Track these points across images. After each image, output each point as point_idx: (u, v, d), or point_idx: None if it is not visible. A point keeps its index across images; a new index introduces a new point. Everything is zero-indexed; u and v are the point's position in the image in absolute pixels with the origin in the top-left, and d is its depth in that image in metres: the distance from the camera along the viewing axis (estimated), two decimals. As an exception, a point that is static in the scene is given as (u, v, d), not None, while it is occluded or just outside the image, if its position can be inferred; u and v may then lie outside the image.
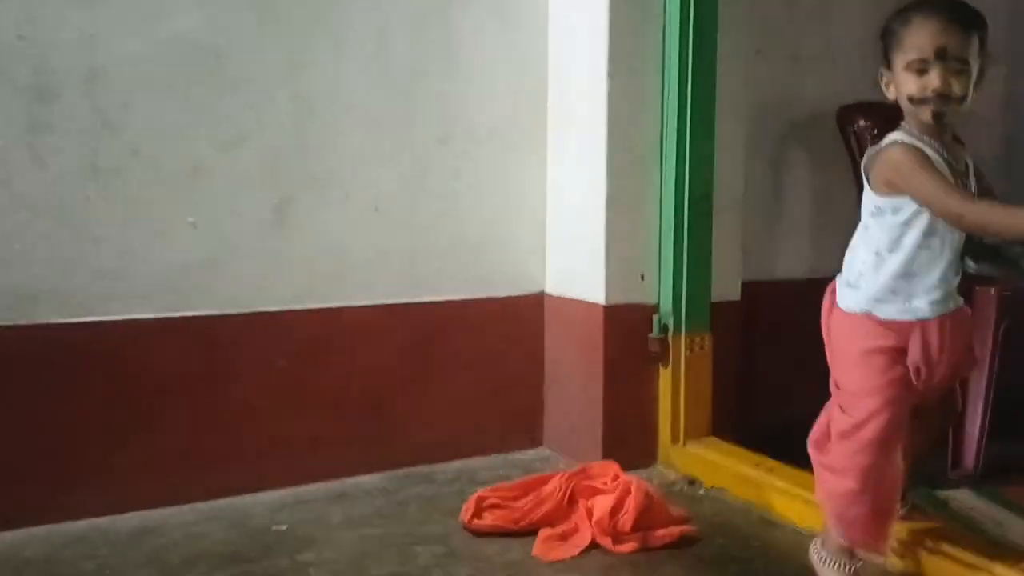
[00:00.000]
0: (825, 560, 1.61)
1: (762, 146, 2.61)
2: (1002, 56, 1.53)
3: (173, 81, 2.01)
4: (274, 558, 1.80)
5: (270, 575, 1.73)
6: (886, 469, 1.54)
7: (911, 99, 1.49)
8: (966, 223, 1.43)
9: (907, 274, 1.52)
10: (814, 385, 1.73)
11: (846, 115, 2.56)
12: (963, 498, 2.13)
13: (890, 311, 1.53)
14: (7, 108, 1.87)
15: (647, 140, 2.29)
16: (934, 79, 1.45)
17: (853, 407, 1.55)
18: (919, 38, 1.46)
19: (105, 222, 1.97)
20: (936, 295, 1.53)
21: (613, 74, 2.24)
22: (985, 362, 2.20)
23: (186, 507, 2.04)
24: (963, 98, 1.47)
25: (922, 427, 1.66)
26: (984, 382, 2.21)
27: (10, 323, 1.89)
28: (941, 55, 1.45)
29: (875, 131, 2.48)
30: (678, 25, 2.23)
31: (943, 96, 1.46)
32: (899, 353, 1.54)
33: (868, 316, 1.55)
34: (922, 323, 1.52)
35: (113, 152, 1.97)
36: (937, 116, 1.48)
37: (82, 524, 1.94)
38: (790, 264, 2.71)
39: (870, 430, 1.52)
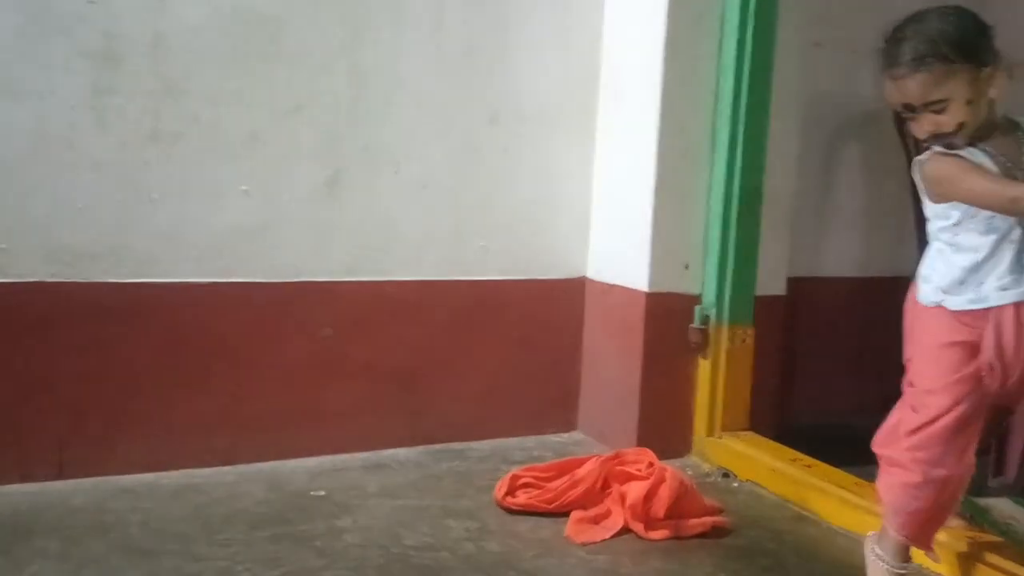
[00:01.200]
0: (877, 557, 1.60)
1: (816, 140, 2.58)
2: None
3: (234, 50, 2.05)
4: (311, 521, 1.84)
5: (307, 537, 1.77)
6: (952, 468, 1.51)
7: (921, 140, 1.49)
8: (1020, 208, 1.39)
9: (973, 268, 1.50)
10: (856, 385, 1.72)
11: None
12: (1002, 507, 2.10)
13: (959, 302, 1.51)
14: (75, 71, 1.92)
15: (699, 128, 2.27)
16: (923, 125, 1.46)
17: (923, 405, 1.53)
18: (889, 93, 1.48)
19: (163, 185, 2.02)
20: (1006, 281, 1.49)
21: (669, 59, 2.22)
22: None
23: (228, 468, 2.10)
24: (961, 126, 1.44)
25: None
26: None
27: (68, 279, 1.95)
28: (911, 109, 1.45)
29: (933, 130, 2.43)
30: (737, 13, 2.21)
31: (940, 135, 1.45)
32: (973, 349, 1.51)
33: (941, 308, 1.53)
34: (996, 311, 1.49)
35: (174, 117, 2.01)
36: (951, 147, 1.46)
37: (128, 478, 2.00)
38: (839, 261, 2.68)
39: (938, 426, 1.50)
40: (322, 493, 2.00)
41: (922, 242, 2.11)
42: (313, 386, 2.20)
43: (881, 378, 1.72)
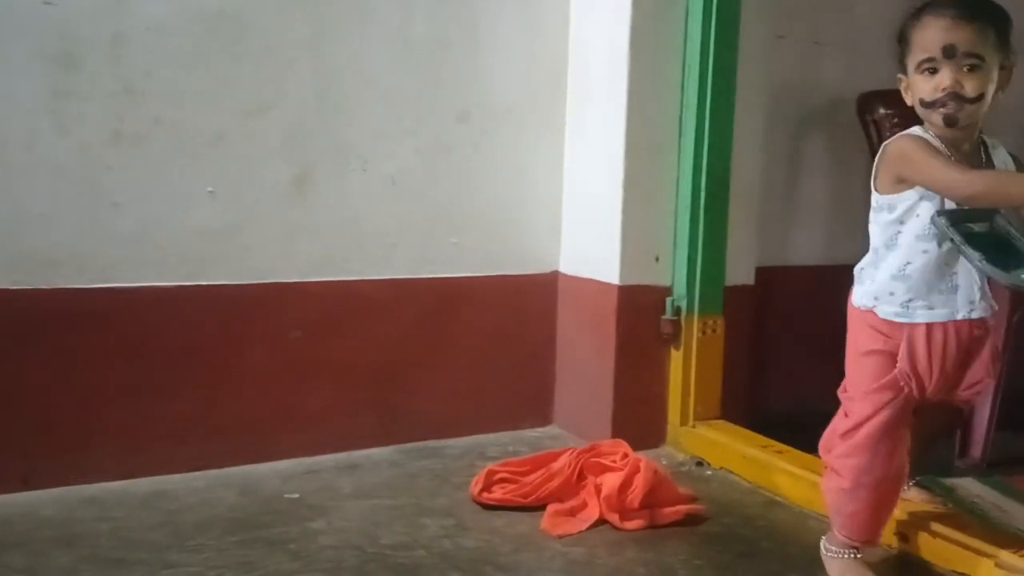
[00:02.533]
0: (831, 554, 1.62)
1: (781, 132, 2.61)
2: (1016, 58, 1.48)
3: (196, 49, 2.02)
4: (285, 525, 1.82)
5: (281, 541, 1.75)
6: (882, 470, 1.52)
7: (923, 103, 1.44)
8: (977, 190, 1.37)
9: (904, 275, 1.49)
10: (824, 371, 1.74)
11: (866, 103, 2.55)
12: (969, 486, 2.14)
13: (887, 311, 1.51)
14: (32, 74, 1.88)
15: (666, 122, 2.29)
16: (944, 78, 1.40)
17: (850, 411, 1.56)
18: (927, 37, 1.41)
19: (126, 189, 1.99)
20: (935, 300, 1.49)
21: (634, 54, 2.23)
22: (997, 352, 2.20)
23: (199, 473, 2.07)
24: (978, 99, 1.41)
25: (928, 420, 1.66)
26: (995, 371, 2.21)
27: (31, 287, 1.91)
28: (950, 53, 1.39)
29: (895, 119, 2.47)
30: (701, 7, 2.22)
31: (955, 96, 1.40)
32: (891, 358, 1.51)
33: (870, 312, 1.54)
34: (911, 327, 1.49)
35: (135, 119, 1.98)
36: (948, 120, 1.42)
37: (96, 487, 1.96)
38: (805, 250, 2.72)
39: (862, 434, 1.51)
40: (295, 496, 1.98)
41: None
42: (284, 388, 2.18)
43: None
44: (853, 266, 1.67)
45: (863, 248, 1.63)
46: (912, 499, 1.77)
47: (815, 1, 2.69)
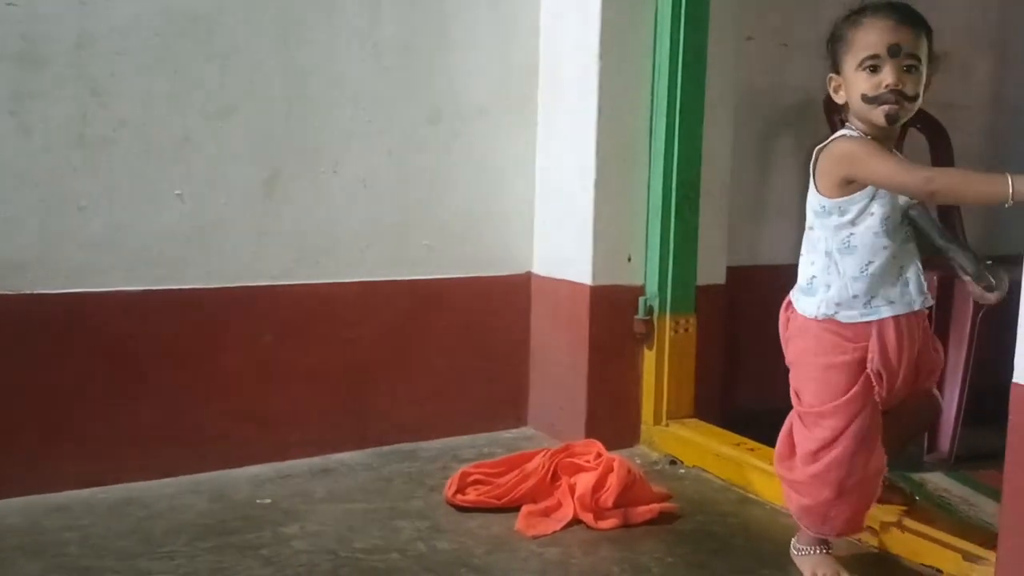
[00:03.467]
0: (802, 552, 1.63)
1: (750, 132, 2.63)
2: (990, 51, 1.53)
3: (163, 50, 2.00)
4: (257, 531, 1.81)
5: (253, 547, 1.73)
6: (863, 471, 1.54)
7: (864, 98, 1.47)
8: (937, 186, 1.39)
9: (866, 275, 1.50)
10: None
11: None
12: (937, 480, 2.18)
13: (850, 315, 1.52)
14: (-7, 74, 1.85)
15: (636, 123, 2.30)
16: (888, 75, 1.45)
17: (816, 425, 1.53)
18: (871, 36, 1.47)
19: (92, 192, 1.96)
20: (893, 295, 1.52)
21: (604, 56, 2.25)
22: (962, 349, 2.24)
23: (169, 480, 2.04)
24: (915, 98, 1.47)
25: (900, 423, 1.66)
26: (960, 369, 2.26)
27: (-6, 292, 1.88)
28: (894, 52, 1.45)
29: (861, 119, 2.51)
30: (670, 10, 2.24)
31: (898, 93, 1.45)
32: (859, 365, 1.52)
33: (829, 321, 1.53)
34: (879, 323, 1.51)
35: (101, 122, 1.95)
36: (891, 118, 1.46)
37: (64, 495, 1.94)
38: (775, 249, 2.74)
39: (839, 448, 1.51)
40: (268, 501, 1.96)
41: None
42: (255, 393, 2.16)
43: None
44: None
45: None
46: (881, 496, 1.79)
47: (783, 3, 2.72)
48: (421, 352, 2.36)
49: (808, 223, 1.57)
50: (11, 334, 1.90)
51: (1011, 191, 1.29)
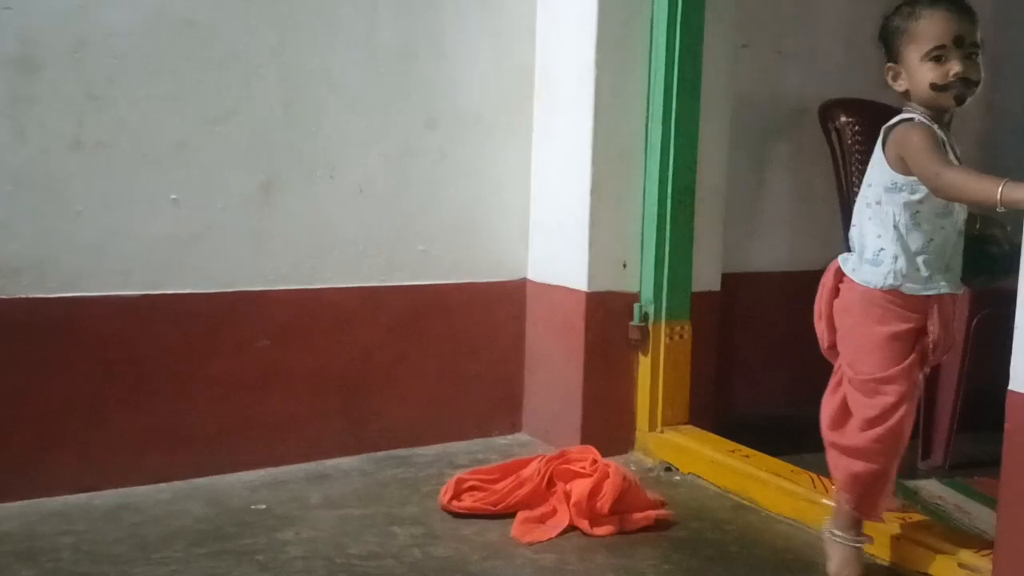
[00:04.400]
0: (837, 538, 1.65)
1: (745, 140, 2.64)
2: (984, 59, 1.57)
3: (161, 55, 2.00)
4: (252, 536, 1.80)
5: (248, 553, 1.73)
6: (904, 449, 1.63)
7: (934, 86, 1.54)
8: (940, 182, 1.46)
9: (928, 251, 1.57)
10: (789, 375, 1.77)
11: (828, 111, 2.60)
12: (931, 488, 2.18)
13: (914, 288, 1.58)
14: (-11, 79, 1.85)
15: (632, 130, 2.31)
16: (955, 65, 1.52)
17: (876, 392, 1.58)
18: (935, 28, 1.53)
19: (88, 196, 1.96)
20: (948, 275, 1.60)
21: (600, 64, 2.25)
22: (957, 355, 2.25)
23: (164, 485, 2.04)
24: (979, 82, 1.54)
25: None
26: (956, 375, 2.27)
27: (-11, 296, 1.88)
28: (959, 42, 1.52)
29: (856, 127, 2.52)
30: (666, 17, 2.25)
31: (965, 80, 1.53)
32: (918, 335, 1.60)
33: (893, 292, 1.58)
34: (939, 298, 1.59)
35: (98, 126, 1.95)
36: (959, 99, 1.54)
37: (59, 500, 1.93)
38: (770, 257, 2.75)
39: (899, 415, 1.57)
40: (263, 507, 1.96)
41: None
42: (251, 398, 2.15)
43: (812, 368, 1.77)
44: (816, 271, 1.69)
45: (832, 249, 1.66)
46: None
47: (777, 12, 2.73)
48: (417, 357, 2.36)
49: (875, 198, 1.61)
50: (6, 338, 1.90)
51: (999, 196, 1.34)
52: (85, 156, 1.95)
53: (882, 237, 1.59)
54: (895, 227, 1.58)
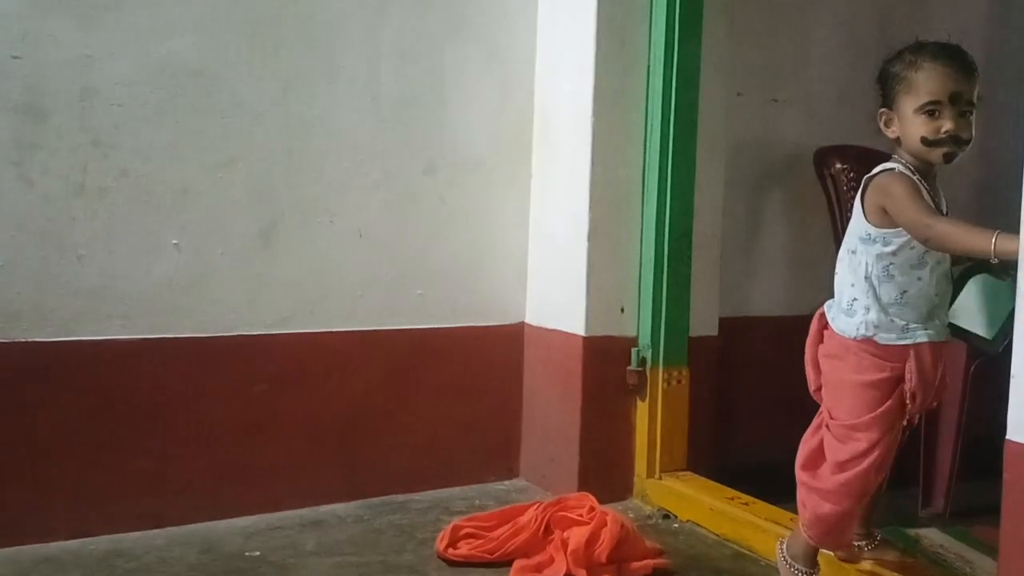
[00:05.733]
0: (790, 565, 1.69)
1: (741, 186, 2.67)
2: (981, 104, 1.59)
3: (164, 103, 2.04)
4: (246, 584, 1.79)
5: (242, 601, 1.72)
6: (874, 486, 1.65)
7: (924, 140, 1.55)
8: (932, 233, 1.47)
9: (902, 303, 1.58)
10: (788, 420, 1.76)
11: (823, 157, 2.63)
12: (932, 536, 2.16)
13: (889, 337, 1.58)
14: (-3, 126, 1.88)
15: (629, 177, 2.33)
16: (947, 122, 1.52)
17: (849, 438, 1.60)
18: (932, 83, 1.53)
19: (90, 241, 1.98)
20: (929, 324, 1.59)
21: (598, 112, 2.29)
22: (956, 403, 2.24)
23: (158, 531, 2.02)
24: (970, 140, 1.55)
25: None
26: (955, 423, 2.26)
27: (-10, 339, 1.89)
28: (955, 99, 1.53)
29: (851, 173, 2.55)
30: (662, 66, 2.29)
31: (955, 138, 1.53)
32: (894, 383, 1.59)
33: (866, 341, 1.59)
34: (916, 347, 1.58)
35: (101, 172, 1.98)
36: (948, 157, 1.55)
37: (52, 546, 1.92)
38: (766, 301, 2.76)
39: (869, 461, 1.58)
40: (257, 554, 1.94)
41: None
42: (247, 443, 2.15)
43: (811, 413, 1.76)
44: (813, 316, 1.70)
45: (828, 294, 1.67)
46: (879, 555, 1.78)
47: (772, 60, 2.78)
48: (413, 402, 2.36)
49: (851, 247, 1.63)
50: (3, 382, 1.90)
51: (992, 249, 1.36)
52: (88, 201, 1.97)
53: (855, 287, 1.61)
54: (867, 278, 1.58)
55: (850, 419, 1.59)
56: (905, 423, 1.64)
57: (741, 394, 2.63)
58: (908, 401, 1.59)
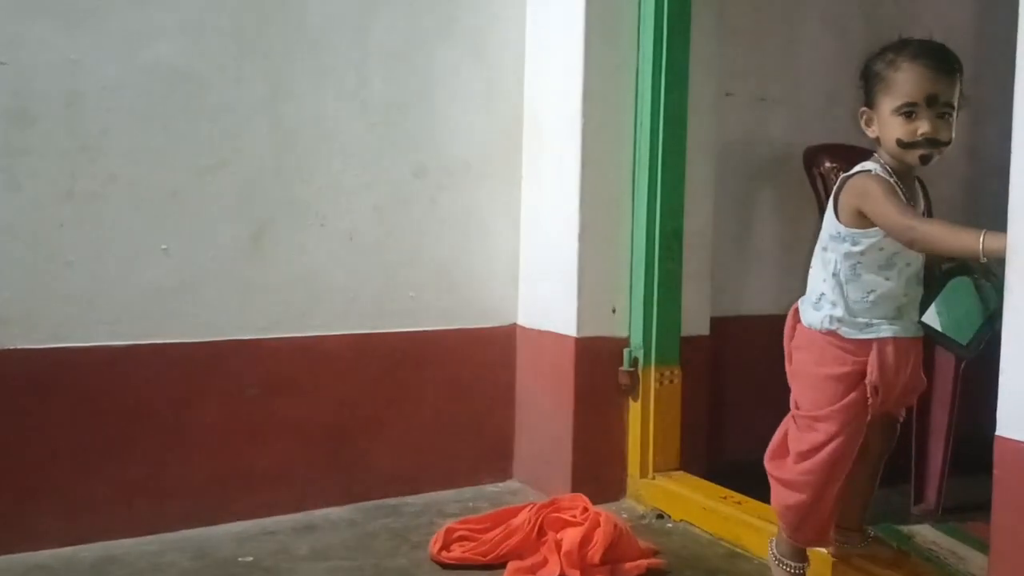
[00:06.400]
0: (779, 562, 1.71)
1: (731, 185, 2.67)
2: (966, 103, 1.59)
3: (153, 107, 2.03)
4: (239, 589, 1.78)
5: (235, 606, 1.71)
6: (840, 480, 1.63)
7: (900, 142, 1.54)
8: (916, 235, 1.46)
9: (868, 302, 1.58)
10: (779, 419, 1.76)
11: (812, 156, 2.64)
12: (925, 533, 2.17)
13: (851, 332, 1.59)
14: (-17, 131, 1.87)
15: (619, 177, 2.34)
16: (924, 125, 1.51)
17: (810, 429, 1.62)
18: (910, 84, 1.52)
19: (79, 247, 1.97)
20: (896, 321, 1.59)
21: (587, 113, 2.29)
22: (946, 400, 2.25)
23: (151, 537, 2.02)
24: (948, 142, 1.54)
25: (862, 455, 1.70)
26: (945, 419, 2.27)
27: (-22, 347, 1.87)
28: (931, 101, 1.51)
29: (840, 172, 2.53)
30: (651, 66, 2.29)
31: (932, 141, 1.52)
32: (858, 377, 1.59)
33: (831, 334, 1.60)
34: (879, 342, 1.58)
35: (90, 177, 1.97)
36: (925, 159, 1.54)
37: (44, 554, 1.91)
38: (757, 300, 2.76)
39: (827, 452, 1.59)
40: (250, 559, 1.93)
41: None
42: (239, 448, 2.14)
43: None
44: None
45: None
46: (872, 552, 1.78)
47: (760, 60, 2.79)
48: (406, 405, 2.36)
49: (822, 243, 1.64)
50: (-7, 390, 1.89)
51: (981, 248, 1.35)
52: (77, 207, 1.96)
53: (825, 282, 1.62)
54: (835, 275, 1.60)
55: (813, 410, 1.61)
56: (869, 418, 1.62)
57: (733, 393, 2.64)
58: (869, 395, 1.58)
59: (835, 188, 1.62)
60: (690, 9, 2.31)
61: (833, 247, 1.60)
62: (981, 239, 1.35)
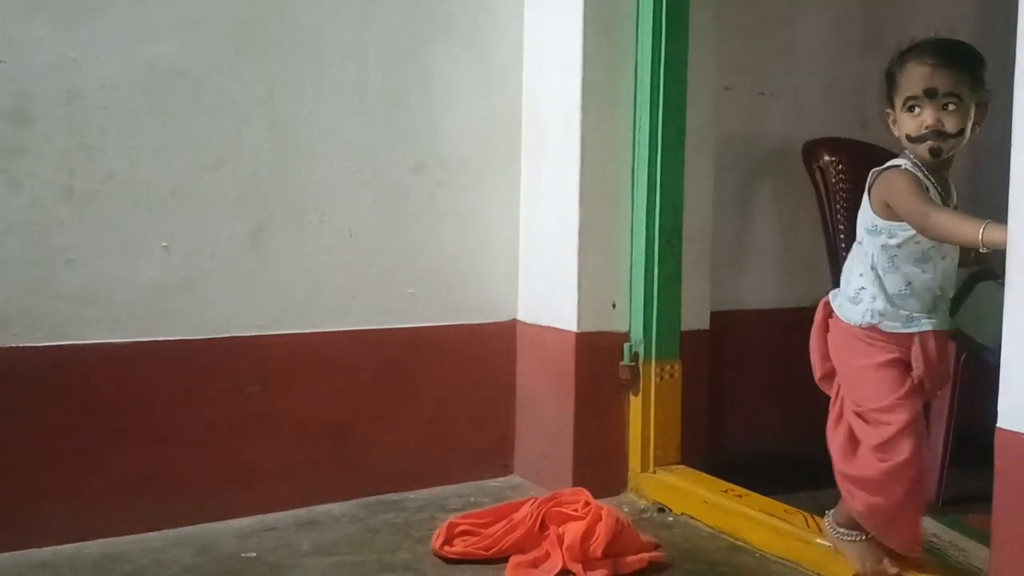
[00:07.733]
0: (845, 537, 1.71)
1: (730, 179, 2.68)
2: (990, 96, 1.61)
3: (151, 105, 2.03)
4: (242, 585, 1.79)
5: (238, 602, 1.71)
6: (921, 463, 1.62)
7: (908, 138, 1.59)
8: (928, 223, 1.50)
9: (907, 294, 1.61)
10: (780, 412, 1.78)
11: (812, 150, 2.64)
12: (926, 525, 2.16)
13: (893, 326, 1.61)
14: (-18, 130, 1.87)
15: (619, 171, 2.33)
16: (928, 118, 1.56)
17: (880, 419, 1.60)
18: (909, 78, 1.58)
19: (79, 245, 1.97)
20: (933, 314, 1.63)
21: (586, 107, 2.29)
22: (947, 392, 2.26)
23: (153, 534, 2.02)
24: (958, 134, 1.56)
25: None
26: (946, 411, 2.27)
27: (-21, 345, 1.88)
28: (931, 94, 1.56)
29: (840, 166, 2.56)
30: (650, 61, 2.29)
31: (937, 132, 1.55)
32: (905, 364, 1.62)
33: (872, 329, 1.62)
34: (921, 335, 1.61)
35: (89, 175, 1.97)
36: (934, 152, 1.57)
37: (47, 551, 1.91)
38: (757, 295, 2.77)
39: (909, 441, 1.58)
40: (253, 554, 1.94)
41: (835, 271, 2.20)
42: (241, 444, 2.14)
43: (803, 405, 1.77)
44: (803, 308, 1.71)
45: (819, 286, 1.69)
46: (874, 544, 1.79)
47: (759, 54, 2.79)
48: (407, 401, 2.36)
49: (859, 237, 1.67)
50: (-6, 388, 1.89)
51: (980, 238, 1.38)
52: (76, 205, 1.96)
53: (863, 276, 1.64)
54: (873, 268, 1.62)
55: (878, 402, 1.61)
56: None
57: (734, 387, 2.64)
58: (920, 386, 1.62)
59: (868, 183, 1.65)
60: (688, 3, 2.31)
61: (869, 240, 1.63)
62: (981, 230, 1.38)
